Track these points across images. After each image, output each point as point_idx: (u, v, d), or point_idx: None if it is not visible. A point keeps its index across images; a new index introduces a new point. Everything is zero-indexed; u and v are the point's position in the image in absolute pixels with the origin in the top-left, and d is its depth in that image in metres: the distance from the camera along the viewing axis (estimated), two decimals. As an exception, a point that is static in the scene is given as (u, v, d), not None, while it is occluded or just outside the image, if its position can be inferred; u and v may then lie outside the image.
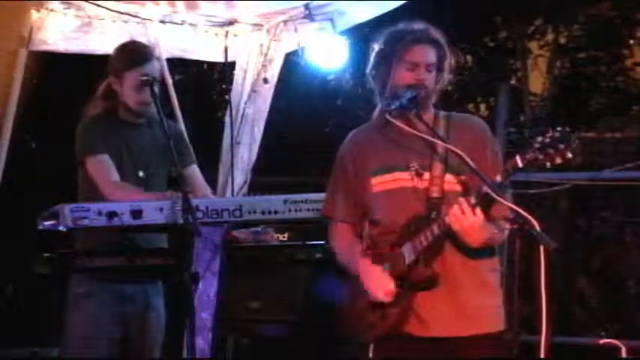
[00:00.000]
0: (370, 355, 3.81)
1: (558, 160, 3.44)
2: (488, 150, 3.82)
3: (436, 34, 3.81)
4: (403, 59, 3.75)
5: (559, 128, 3.45)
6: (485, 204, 3.56)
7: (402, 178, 3.77)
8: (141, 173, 4.63)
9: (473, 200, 3.55)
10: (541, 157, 3.45)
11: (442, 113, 3.88)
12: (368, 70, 3.87)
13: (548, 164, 3.46)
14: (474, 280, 3.75)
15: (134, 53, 4.66)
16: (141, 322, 4.63)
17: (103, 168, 4.52)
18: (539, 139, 3.45)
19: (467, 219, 3.55)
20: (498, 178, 3.55)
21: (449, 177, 3.74)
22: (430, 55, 3.77)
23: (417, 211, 3.72)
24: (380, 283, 3.72)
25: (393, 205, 3.77)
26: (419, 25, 3.81)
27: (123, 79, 4.59)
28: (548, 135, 3.45)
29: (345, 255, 3.89)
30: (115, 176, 4.52)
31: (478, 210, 3.55)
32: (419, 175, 3.76)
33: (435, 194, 3.73)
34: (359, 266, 3.81)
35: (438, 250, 3.70)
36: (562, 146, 3.43)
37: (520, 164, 3.49)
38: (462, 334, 3.71)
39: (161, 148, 4.57)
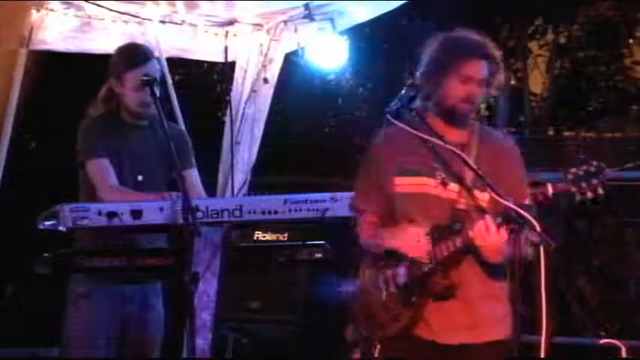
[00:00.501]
0: (376, 354, 3.82)
1: (589, 195, 3.49)
2: (518, 166, 3.84)
3: (492, 48, 3.80)
4: (459, 72, 3.73)
5: (594, 162, 3.50)
6: (510, 224, 3.55)
7: (427, 184, 3.77)
8: (140, 177, 4.62)
9: (499, 219, 3.56)
10: (573, 188, 3.50)
11: (478, 125, 3.87)
12: (419, 71, 3.82)
13: (578, 197, 3.49)
14: (486, 293, 3.78)
15: (134, 54, 4.66)
16: (140, 322, 4.63)
17: (101, 171, 4.52)
18: (573, 170, 3.50)
19: (491, 236, 3.56)
20: (527, 202, 3.56)
21: (476, 191, 3.73)
22: (484, 70, 3.76)
23: (438, 219, 3.72)
24: (418, 246, 3.69)
25: (413, 209, 3.76)
26: (477, 37, 3.80)
27: (123, 81, 4.59)
28: (583, 168, 3.49)
29: (371, 239, 3.85)
30: (113, 180, 4.52)
31: (503, 229, 3.55)
32: (444, 184, 3.76)
33: (460, 206, 3.73)
34: (388, 234, 3.78)
35: (457, 262, 3.71)
36: (595, 181, 3.48)
37: (550, 192, 3.54)
38: (471, 341, 3.74)
39: (162, 150, 4.57)
